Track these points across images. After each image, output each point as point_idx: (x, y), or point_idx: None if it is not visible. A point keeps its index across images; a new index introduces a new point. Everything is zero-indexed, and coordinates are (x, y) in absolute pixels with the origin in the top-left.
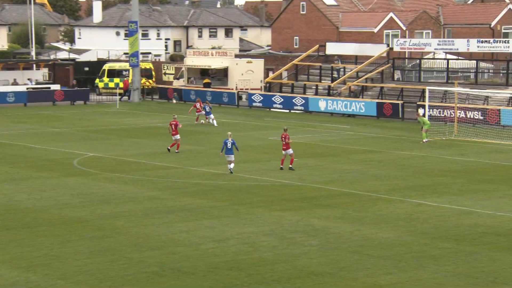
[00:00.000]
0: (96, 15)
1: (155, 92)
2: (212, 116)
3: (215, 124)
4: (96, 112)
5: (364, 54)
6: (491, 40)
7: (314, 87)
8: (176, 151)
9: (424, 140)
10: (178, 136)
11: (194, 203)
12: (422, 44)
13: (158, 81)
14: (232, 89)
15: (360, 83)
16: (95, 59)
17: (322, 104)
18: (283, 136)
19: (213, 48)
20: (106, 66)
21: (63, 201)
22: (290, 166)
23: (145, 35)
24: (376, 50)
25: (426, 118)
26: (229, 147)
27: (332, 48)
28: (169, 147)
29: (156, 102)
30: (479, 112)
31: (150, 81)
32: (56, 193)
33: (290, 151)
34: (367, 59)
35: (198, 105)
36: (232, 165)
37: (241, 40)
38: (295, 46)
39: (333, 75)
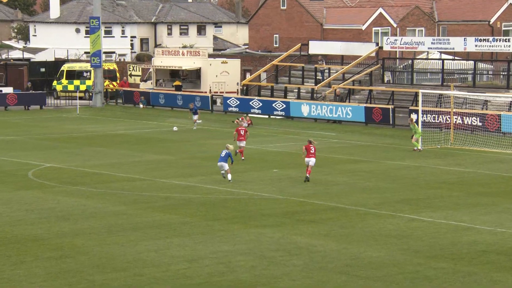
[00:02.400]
0: (53, 10)
1: (119, 95)
2: (196, 117)
3: (194, 128)
4: (53, 118)
5: (351, 54)
6: (490, 38)
7: (296, 90)
8: (242, 158)
9: (415, 148)
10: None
11: (164, 219)
12: (414, 43)
13: (123, 83)
14: (206, 92)
15: (346, 86)
16: (52, 59)
17: (305, 109)
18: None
19: (184, 47)
20: (65, 67)
21: (17, 218)
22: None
23: (108, 33)
24: (364, 50)
25: (418, 126)
26: (223, 156)
27: (316, 47)
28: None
29: (120, 107)
30: (478, 118)
31: (114, 83)
32: (8, 209)
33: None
34: (354, 59)
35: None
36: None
37: (215, 38)
38: (275, 45)
39: (317, 77)
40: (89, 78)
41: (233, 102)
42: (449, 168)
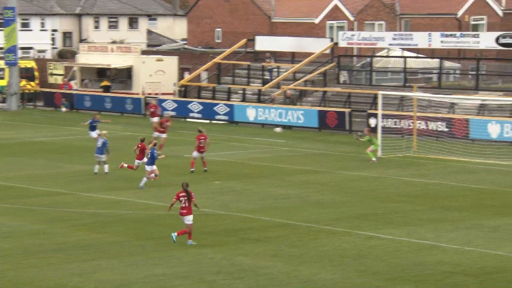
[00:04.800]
0: None
1: (38, 97)
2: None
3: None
4: None
5: (303, 51)
6: (458, 33)
7: (241, 91)
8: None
9: (373, 159)
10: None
11: (89, 239)
12: (373, 38)
13: (42, 83)
14: (138, 94)
15: (298, 87)
16: None
17: (251, 113)
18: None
19: (113, 42)
20: None
21: None
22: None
23: (25, 25)
24: (317, 46)
25: (377, 137)
26: (99, 146)
27: (263, 43)
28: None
29: (40, 110)
30: (444, 123)
31: (32, 83)
32: None
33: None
34: (306, 57)
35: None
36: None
37: (149, 32)
38: (217, 41)
39: (265, 77)
40: (3, 78)
41: (169, 105)
42: (411, 179)
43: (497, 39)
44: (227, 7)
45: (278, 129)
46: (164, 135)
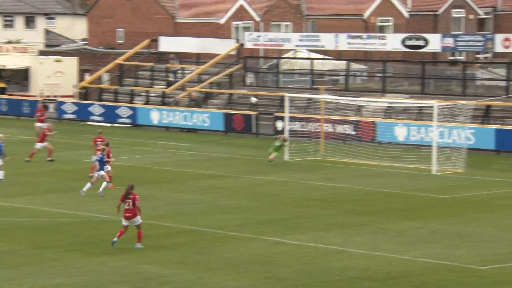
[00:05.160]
0: None
1: None
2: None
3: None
4: None
5: (208, 52)
6: (364, 35)
7: (144, 93)
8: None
9: (271, 157)
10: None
11: None
12: (280, 39)
13: None
14: (36, 96)
15: (203, 89)
16: None
17: (155, 116)
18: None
19: (8, 42)
20: None
21: None
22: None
23: None
24: (223, 47)
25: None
26: None
27: (167, 44)
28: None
29: None
30: (351, 126)
31: None
32: None
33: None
34: (211, 58)
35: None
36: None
37: (47, 32)
38: (119, 41)
39: (169, 79)
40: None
41: (69, 107)
42: (319, 183)
43: (403, 41)
44: (129, 6)
45: (253, 99)
46: (40, 146)
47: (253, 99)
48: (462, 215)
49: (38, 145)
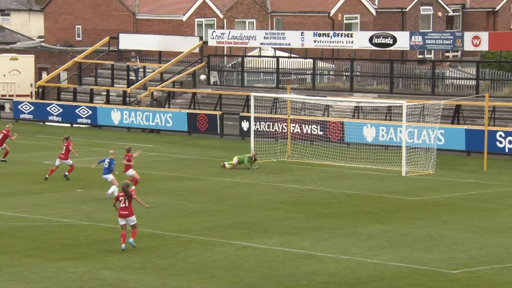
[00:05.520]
0: None
1: None
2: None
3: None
4: None
5: (170, 50)
6: (331, 33)
7: (105, 93)
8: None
9: (225, 164)
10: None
11: None
12: (244, 37)
13: None
14: None
15: (165, 88)
16: None
17: (116, 116)
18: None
19: None
20: None
21: None
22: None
23: None
24: (185, 45)
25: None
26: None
27: (128, 42)
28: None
29: None
30: (318, 126)
31: None
32: None
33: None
34: (174, 57)
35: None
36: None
37: (1, 28)
38: (77, 38)
39: (130, 77)
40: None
41: (26, 107)
42: (286, 186)
43: (371, 39)
44: (88, 3)
45: (202, 77)
46: None
47: (202, 77)
48: (433, 218)
49: None
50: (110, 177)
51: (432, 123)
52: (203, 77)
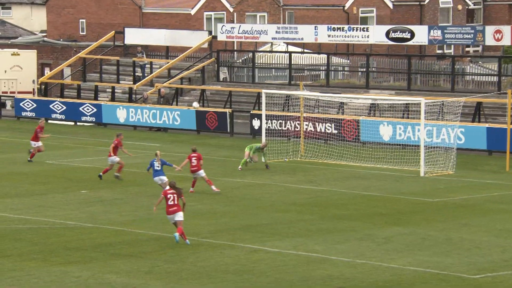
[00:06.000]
0: None
1: None
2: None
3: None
4: None
5: (178, 45)
6: (346, 27)
7: (110, 90)
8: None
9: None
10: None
11: None
12: (255, 31)
13: None
14: None
15: (173, 85)
16: None
17: (121, 114)
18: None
19: None
20: None
21: None
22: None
23: None
24: (194, 39)
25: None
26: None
27: (134, 36)
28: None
29: None
30: (332, 124)
31: None
32: None
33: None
34: (182, 52)
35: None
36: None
37: (2, 22)
38: (81, 33)
39: (136, 74)
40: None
41: (28, 105)
42: (299, 186)
43: (387, 33)
44: None
45: (195, 104)
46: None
47: (195, 104)
48: (453, 220)
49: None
50: (164, 178)
51: (452, 121)
52: (195, 104)
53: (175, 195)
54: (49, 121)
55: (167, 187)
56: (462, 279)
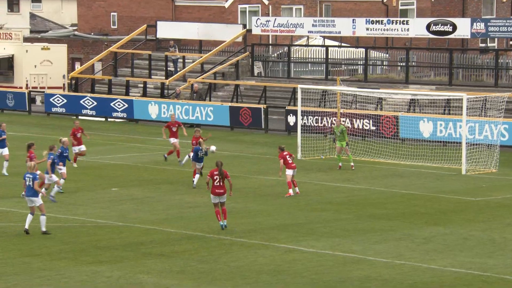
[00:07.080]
0: None
1: None
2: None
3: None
4: None
5: (212, 39)
6: (385, 20)
7: (141, 85)
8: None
9: (352, 164)
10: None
11: None
12: (291, 25)
13: None
14: (21, 87)
15: (206, 80)
16: None
17: (153, 110)
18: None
19: None
20: None
21: None
22: None
23: None
24: (228, 33)
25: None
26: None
27: (166, 30)
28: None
29: None
30: (370, 121)
31: None
32: None
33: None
34: (215, 46)
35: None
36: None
37: (32, 16)
38: (112, 27)
39: (169, 68)
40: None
41: (58, 100)
42: (335, 185)
43: (428, 26)
44: None
45: (212, 148)
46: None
47: (213, 148)
48: (496, 220)
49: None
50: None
51: (495, 117)
52: (213, 148)
53: (220, 176)
54: (80, 117)
55: (215, 168)
56: (506, 282)
